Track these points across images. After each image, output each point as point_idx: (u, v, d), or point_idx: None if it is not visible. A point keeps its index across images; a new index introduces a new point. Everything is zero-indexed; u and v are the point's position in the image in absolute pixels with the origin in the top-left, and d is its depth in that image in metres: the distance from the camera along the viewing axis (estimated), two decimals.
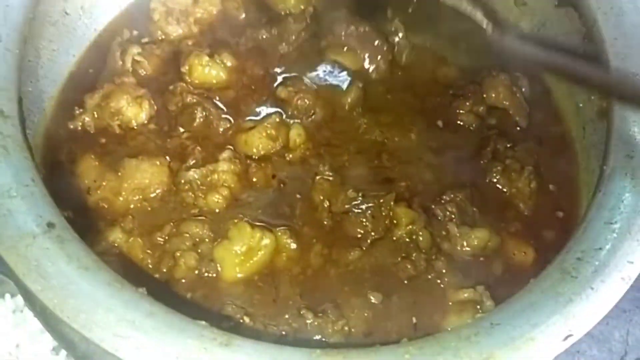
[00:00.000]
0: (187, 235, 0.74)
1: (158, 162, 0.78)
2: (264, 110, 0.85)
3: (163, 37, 0.90)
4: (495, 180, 0.82)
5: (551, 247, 0.76)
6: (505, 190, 0.82)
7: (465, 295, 0.71)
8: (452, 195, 0.79)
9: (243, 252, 0.73)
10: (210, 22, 0.92)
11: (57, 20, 0.85)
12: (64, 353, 0.77)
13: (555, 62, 0.70)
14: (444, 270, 0.74)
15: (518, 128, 0.88)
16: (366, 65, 0.88)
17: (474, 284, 0.73)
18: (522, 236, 0.79)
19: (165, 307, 0.55)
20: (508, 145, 0.85)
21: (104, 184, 0.77)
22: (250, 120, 0.84)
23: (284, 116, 0.84)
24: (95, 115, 0.82)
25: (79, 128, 0.82)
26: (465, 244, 0.76)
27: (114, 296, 0.53)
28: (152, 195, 0.78)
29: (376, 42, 0.88)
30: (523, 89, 0.90)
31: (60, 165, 0.78)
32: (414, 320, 0.72)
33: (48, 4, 0.81)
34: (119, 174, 0.77)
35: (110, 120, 0.82)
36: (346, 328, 0.70)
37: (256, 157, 0.81)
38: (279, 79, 0.88)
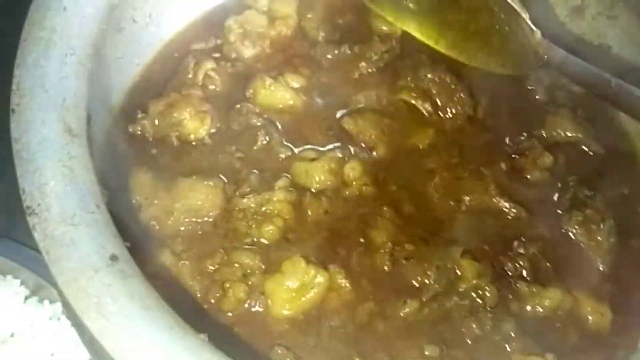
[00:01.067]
0: (238, 265, 0.71)
1: (212, 184, 0.75)
2: (328, 142, 0.81)
3: (236, 56, 0.88)
4: (573, 231, 0.78)
5: (631, 309, 0.73)
6: (582, 243, 0.77)
7: None
8: (524, 248, 0.75)
9: (295, 288, 0.70)
10: (285, 43, 0.90)
11: (124, 28, 0.83)
12: None
13: (604, 87, 0.70)
14: (512, 334, 0.69)
15: (592, 156, 0.85)
16: (441, 114, 0.84)
17: (543, 350, 0.68)
18: (599, 295, 0.74)
19: (225, 356, 0.52)
20: (588, 194, 0.80)
21: (155, 202, 0.74)
22: (313, 150, 0.81)
23: (347, 150, 0.81)
24: (156, 123, 0.80)
25: (138, 132, 0.80)
26: (536, 304, 0.72)
27: (177, 342, 0.50)
28: (205, 218, 0.74)
29: (457, 95, 0.84)
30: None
31: (115, 179, 0.74)
32: None
33: (118, 11, 0.79)
34: (172, 192, 0.74)
35: (169, 130, 0.80)
36: None
37: (314, 190, 0.78)
38: (346, 109, 0.84)
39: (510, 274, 0.74)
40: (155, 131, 0.80)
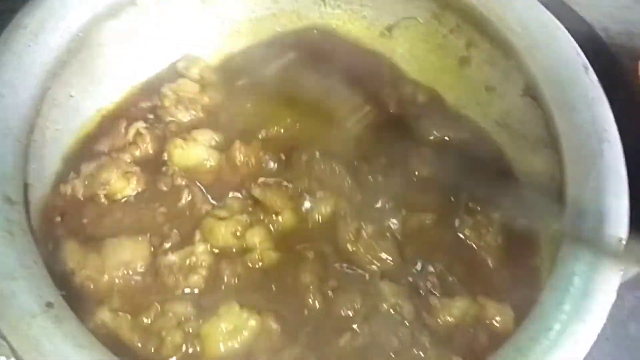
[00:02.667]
0: (172, 314, 0.78)
1: (140, 239, 0.83)
2: (238, 204, 0.89)
3: (170, 119, 0.98)
4: (466, 235, 0.88)
5: (526, 304, 0.78)
6: (475, 245, 0.87)
7: None
8: (432, 267, 0.85)
9: (229, 330, 0.77)
10: (215, 108, 1.00)
11: (62, 103, 0.92)
12: None
13: None
14: (427, 344, 0.77)
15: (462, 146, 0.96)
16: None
17: (455, 355, 0.77)
18: (499, 297, 0.82)
19: None
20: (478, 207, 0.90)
21: (87, 264, 0.81)
22: (224, 209, 0.88)
23: (254, 216, 0.88)
24: (86, 183, 0.88)
25: (69, 192, 0.87)
26: (447, 315, 0.80)
27: None
28: (136, 272, 0.82)
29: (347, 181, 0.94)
30: None
31: (51, 244, 0.82)
32: None
33: (55, 89, 0.88)
34: (102, 254, 0.81)
35: (98, 189, 0.88)
36: None
37: (217, 250, 0.85)
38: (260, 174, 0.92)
39: (422, 292, 0.83)
40: (84, 190, 0.87)
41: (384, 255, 0.86)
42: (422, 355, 0.77)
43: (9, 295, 0.61)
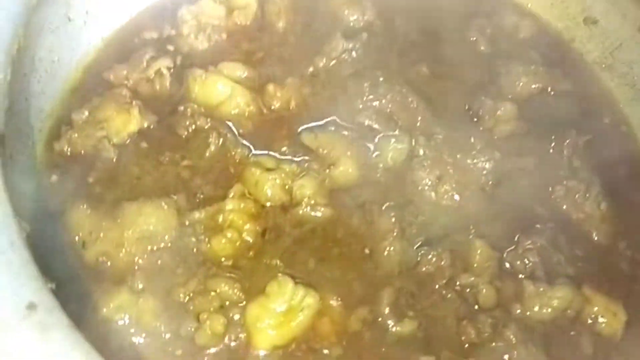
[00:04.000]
0: (215, 294, 0.62)
1: (164, 204, 0.66)
2: (286, 152, 0.72)
3: (188, 50, 0.80)
4: (563, 207, 0.71)
5: None
6: (575, 218, 0.71)
7: None
8: (530, 242, 0.68)
9: (282, 312, 0.61)
10: (242, 34, 0.82)
11: (57, 27, 0.75)
12: None
13: None
14: (513, 340, 0.62)
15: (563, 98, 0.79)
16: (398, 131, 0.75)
17: (547, 357, 0.62)
18: (608, 287, 0.67)
19: None
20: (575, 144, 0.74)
21: (101, 235, 0.64)
22: (270, 156, 0.72)
23: (305, 165, 0.71)
24: (84, 132, 0.71)
25: (65, 148, 0.70)
26: (542, 305, 0.65)
27: None
28: (161, 244, 0.65)
29: (420, 116, 0.75)
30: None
31: (49, 216, 0.66)
32: None
33: (48, 10, 0.71)
34: (118, 221, 0.65)
35: (97, 130, 0.71)
36: None
37: (265, 205, 0.69)
38: (306, 118, 0.75)
39: (520, 273, 0.67)
40: (83, 141, 0.70)
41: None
42: (506, 357, 0.62)
43: None
